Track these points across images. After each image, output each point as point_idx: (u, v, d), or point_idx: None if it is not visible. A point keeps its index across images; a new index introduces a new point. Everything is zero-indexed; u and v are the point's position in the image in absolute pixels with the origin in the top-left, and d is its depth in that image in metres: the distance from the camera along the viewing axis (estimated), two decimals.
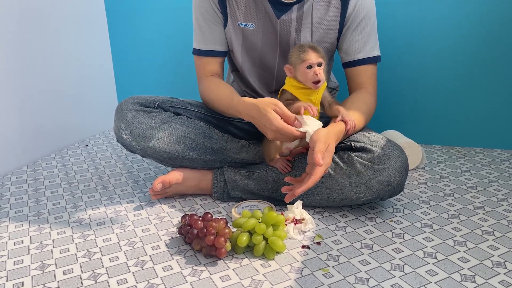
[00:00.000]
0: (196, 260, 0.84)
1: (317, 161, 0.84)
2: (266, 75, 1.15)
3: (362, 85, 1.09)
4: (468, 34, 1.34)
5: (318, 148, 0.85)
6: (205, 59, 1.13)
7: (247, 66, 1.14)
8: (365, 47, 1.07)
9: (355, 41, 1.07)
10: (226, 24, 1.08)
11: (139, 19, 1.74)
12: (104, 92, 1.81)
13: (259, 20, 1.06)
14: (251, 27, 1.07)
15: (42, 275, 0.81)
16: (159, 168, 1.34)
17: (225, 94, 1.05)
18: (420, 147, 1.27)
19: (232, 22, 1.08)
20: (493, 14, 1.30)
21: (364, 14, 1.05)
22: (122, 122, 1.05)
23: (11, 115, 1.34)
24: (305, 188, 0.87)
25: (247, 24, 1.07)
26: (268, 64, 1.12)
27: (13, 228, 0.99)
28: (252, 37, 1.08)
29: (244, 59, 1.13)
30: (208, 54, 1.13)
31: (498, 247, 0.85)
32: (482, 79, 1.37)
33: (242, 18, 1.07)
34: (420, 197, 1.09)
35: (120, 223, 1.00)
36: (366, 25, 1.06)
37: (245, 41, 1.10)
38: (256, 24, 1.07)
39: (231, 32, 1.09)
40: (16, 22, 1.34)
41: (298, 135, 0.90)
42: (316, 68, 0.94)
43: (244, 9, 1.06)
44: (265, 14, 1.05)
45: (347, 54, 1.09)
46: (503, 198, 1.07)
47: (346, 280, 0.77)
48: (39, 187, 1.23)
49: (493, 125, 1.39)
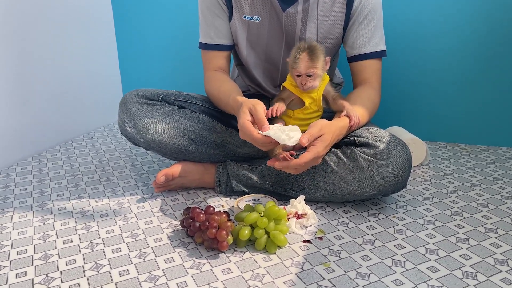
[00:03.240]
0: (198, 253, 0.85)
1: (301, 140, 0.85)
2: (271, 69, 1.15)
3: (367, 80, 1.08)
4: (475, 31, 1.33)
5: (309, 131, 0.88)
6: (211, 53, 1.13)
7: (252, 60, 1.14)
8: (370, 41, 1.07)
9: (361, 35, 1.06)
10: (231, 17, 1.08)
11: (145, 12, 1.74)
12: (109, 85, 1.81)
13: (265, 13, 1.06)
14: (257, 20, 1.06)
15: (45, 265, 0.82)
16: (162, 161, 1.35)
17: (225, 91, 1.05)
18: (424, 143, 1.26)
19: (237, 15, 1.07)
20: (499, 9, 1.29)
21: (370, 8, 1.04)
22: (126, 115, 1.05)
23: (17, 107, 1.35)
24: (285, 165, 0.88)
25: (253, 17, 1.06)
26: (273, 57, 1.12)
27: (17, 219, 1.00)
28: (257, 30, 1.08)
29: (249, 53, 1.13)
30: (214, 48, 1.12)
31: (501, 245, 0.85)
32: (488, 76, 1.35)
33: (248, 11, 1.06)
34: (424, 194, 1.08)
35: (123, 215, 1.01)
36: (372, 19, 1.05)
37: (250, 34, 1.09)
38: (262, 17, 1.06)
39: (236, 25, 1.09)
40: (22, 16, 1.34)
41: (258, 137, 0.86)
42: (303, 78, 0.95)
43: (250, 2, 1.06)
44: (271, 6, 1.05)
45: (352, 48, 1.09)
46: (507, 196, 1.06)
47: (347, 275, 0.77)
48: (44, 178, 1.23)
49: (499, 122, 1.38)
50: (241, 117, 0.88)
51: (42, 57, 1.44)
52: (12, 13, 1.31)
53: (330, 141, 0.91)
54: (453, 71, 1.39)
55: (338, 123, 0.94)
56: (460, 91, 1.40)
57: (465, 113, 1.41)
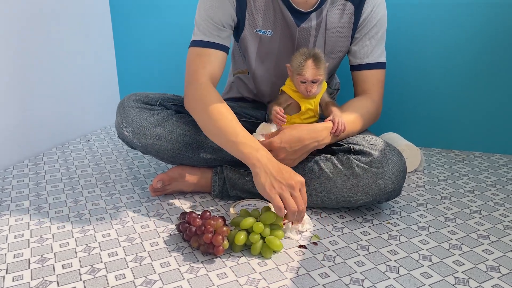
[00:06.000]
0: (194, 257, 0.85)
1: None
2: (279, 83, 1.12)
3: (367, 91, 1.09)
4: (469, 37, 1.35)
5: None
6: (209, 53, 1.00)
7: (260, 73, 1.13)
8: (373, 52, 1.08)
9: (365, 45, 1.07)
10: (243, 29, 1.05)
11: (143, 15, 1.75)
12: (107, 87, 1.81)
13: (277, 27, 1.05)
14: (269, 34, 1.05)
15: (41, 268, 0.82)
16: (159, 165, 1.35)
17: (232, 133, 0.93)
18: (419, 150, 1.27)
19: (249, 28, 1.05)
20: (492, 19, 1.31)
21: (378, 19, 1.05)
22: (124, 119, 1.06)
23: (13, 109, 1.35)
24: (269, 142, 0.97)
25: (266, 31, 1.05)
26: (282, 70, 1.11)
27: (14, 222, 1.00)
28: (268, 44, 1.07)
29: (258, 66, 1.12)
30: (214, 47, 1.01)
31: (493, 251, 0.86)
32: (483, 83, 1.37)
33: (261, 25, 1.04)
34: (418, 200, 1.10)
35: (120, 219, 1.01)
36: (378, 31, 1.07)
37: (261, 48, 1.08)
38: (274, 31, 1.05)
39: (247, 38, 1.06)
40: (19, 17, 1.35)
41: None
42: (308, 85, 0.96)
43: (262, 16, 1.04)
44: (283, 21, 1.04)
45: (355, 57, 1.09)
46: (500, 202, 1.08)
47: (341, 280, 0.78)
48: (40, 181, 1.24)
49: (493, 129, 1.40)
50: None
51: (39, 60, 1.44)
52: (9, 16, 1.31)
53: (296, 136, 0.95)
54: (448, 78, 1.41)
55: (316, 125, 0.97)
56: (455, 98, 1.41)
57: (459, 120, 1.43)
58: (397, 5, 1.39)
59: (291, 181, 0.86)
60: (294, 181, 0.86)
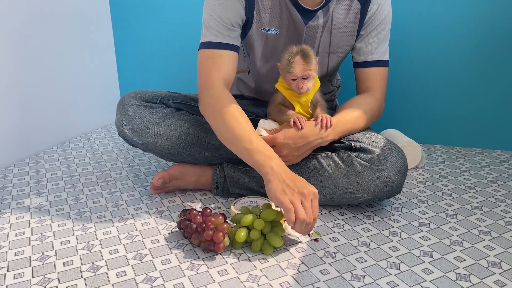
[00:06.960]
0: (195, 254, 0.85)
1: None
2: None
3: (370, 88, 1.09)
4: (470, 34, 1.34)
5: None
6: (220, 54, 0.98)
7: (265, 72, 1.13)
8: (378, 49, 1.07)
9: (370, 42, 1.07)
10: (250, 28, 1.04)
11: (143, 13, 1.75)
12: (107, 86, 1.81)
13: (283, 26, 1.04)
14: (275, 33, 1.04)
15: (42, 266, 0.82)
16: (160, 163, 1.35)
17: (244, 134, 0.92)
18: (420, 146, 1.27)
19: (256, 26, 1.04)
20: (493, 16, 1.30)
21: (383, 18, 1.05)
22: (124, 117, 1.06)
23: (14, 107, 1.35)
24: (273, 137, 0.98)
25: (272, 29, 1.04)
26: None
27: (15, 220, 1.00)
28: (274, 42, 1.06)
29: (263, 65, 1.11)
30: (227, 48, 0.99)
31: (494, 247, 0.86)
32: (483, 79, 1.37)
33: (267, 23, 1.03)
34: (419, 196, 1.09)
35: (120, 217, 1.01)
36: (383, 28, 1.06)
37: (267, 46, 1.07)
38: (280, 29, 1.04)
39: (254, 36, 1.05)
40: (19, 16, 1.35)
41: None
42: (299, 82, 0.95)
43: (269, 14, 1.03)
44: (290, 19, 1.03)
45: (360, 55, 1.09)
46: (501, 198, 1.07)
47: (342, 277, 0.78)
48: (41, 179, 1.24)
49: (494, 125, 1.40)
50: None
51: (40, 59, 1.44)
52: (10, 16, 1.31)
53: (300, 133, 0.96)
54: (448, 75, 1.40)
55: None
56: (456, 94, 1.41)
57: (460, 116, 1.43)
58: (398, 3, 1.39)
59: (304, 189, 0.82)
60: (307, 191, 0.82)
